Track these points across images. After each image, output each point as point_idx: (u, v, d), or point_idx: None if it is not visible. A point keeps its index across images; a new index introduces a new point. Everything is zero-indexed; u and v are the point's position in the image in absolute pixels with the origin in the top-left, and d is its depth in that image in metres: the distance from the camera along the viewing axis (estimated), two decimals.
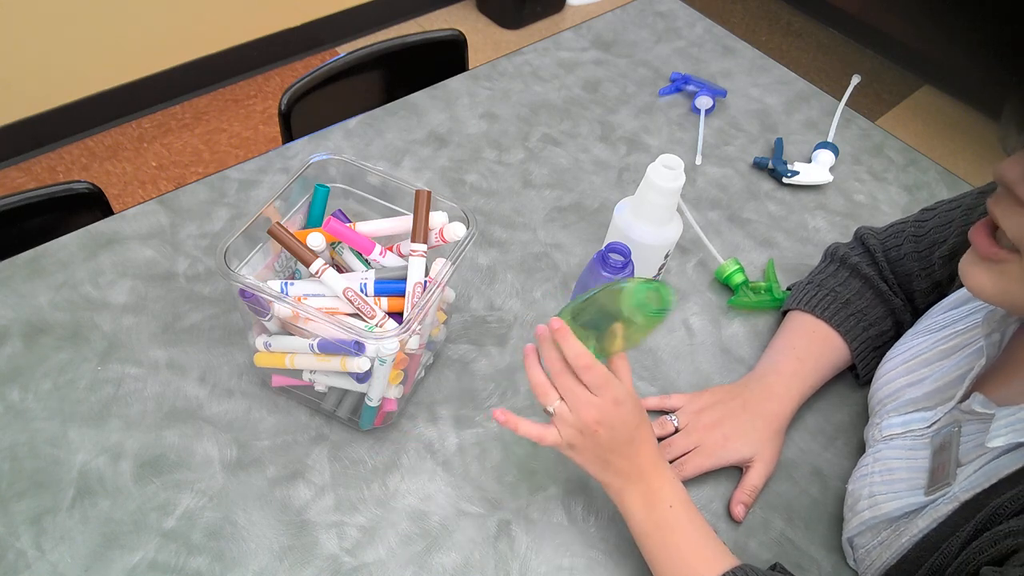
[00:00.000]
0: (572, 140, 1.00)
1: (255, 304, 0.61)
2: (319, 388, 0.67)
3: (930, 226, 0.74)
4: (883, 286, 0.76)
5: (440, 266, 0.63)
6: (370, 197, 0.70)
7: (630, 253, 0.69)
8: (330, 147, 0.94)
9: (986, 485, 0.53)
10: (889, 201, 0.99)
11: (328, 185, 0.68)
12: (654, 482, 0.59)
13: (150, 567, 0.59)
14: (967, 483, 0.55)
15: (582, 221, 0.90)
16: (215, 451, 0.66)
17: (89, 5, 1.80)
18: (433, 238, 0.65)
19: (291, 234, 0.61)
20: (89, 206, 0.91)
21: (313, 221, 0.69)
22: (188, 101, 2.14)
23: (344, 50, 2.10)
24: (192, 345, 0.73)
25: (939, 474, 0.57)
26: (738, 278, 0.83)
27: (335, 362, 0.62)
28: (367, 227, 0.67)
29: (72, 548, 0.59)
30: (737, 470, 0.70)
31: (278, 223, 0.62)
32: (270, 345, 0.65)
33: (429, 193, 0.64)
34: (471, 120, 1.01)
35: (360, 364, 0.60)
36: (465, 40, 1.21)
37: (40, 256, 0.78)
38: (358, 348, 0.59)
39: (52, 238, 0.79)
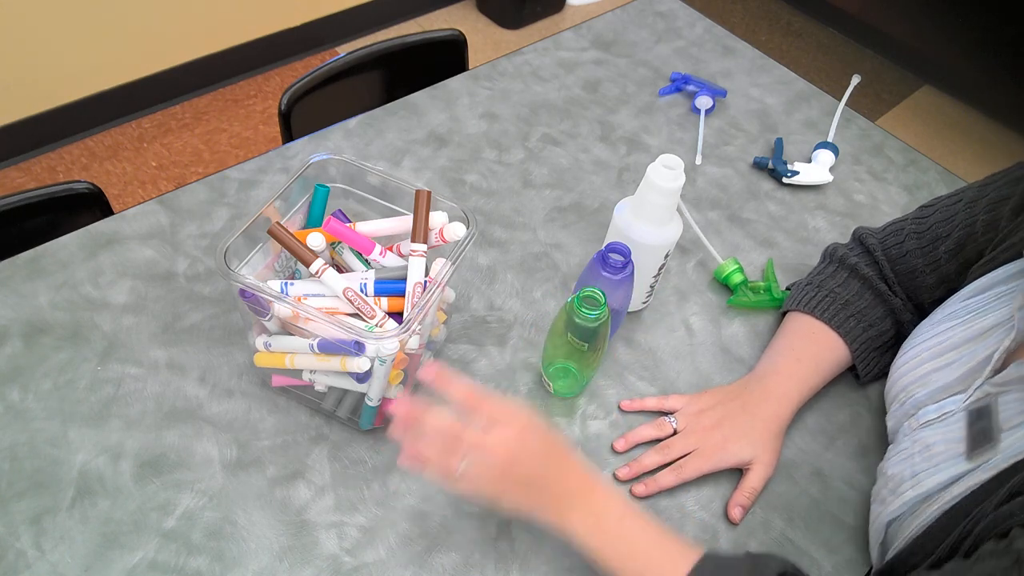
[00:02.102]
0: (572, 140, 1.00)
1: (255, 304, 0.61)
2: (319, 388, 0.67)
3: (932, 221, 0.74)
4: (882, 286, 0.76)
5: (440, 266, 0.63)
6: (370, 197, 0.70)
7: (630, 253, 0.69)
8: (330, 147, 0.94)
9: None
10: (889, 201, 0.99)
11: (328, 185, 0.68)
12: (597, 500, 0.57)
13: (150, 567, 0.59)
14: (1011, 451, 0.55)
15: (582, 221, 0.90)
16: (215, 451, 0.66)
17: (89, 5, 1.80)
18: (433, 238, 0.65)
19: (291, 234, 0.61)
20: (89, 206, 0.91)
21: (313, 221, 0.69)
22: (188, 101, 2.14)
23: (344, 50, 2.10)
24: (192, 345, 0.73)
25: (981, 439, 0.57)
26: (737, 278, 0.83)
27: (335, 362, 0.62)
28: (367, 227, 0.67)
29: (72, 548, 0.59)
30: (737, 471, 0.70)
31: (278, 223, 0.62)
32: (270, 345, 0.65)
33: (429, 193, 0.64)
34: (471, 120, 1.01)
35: (360, 364, 0.60)
36: (465, 40, 1.21)
37: (40, 256, 0.78)
38: (358, 348, 0.59)
39: (52, 238, 0.79)
